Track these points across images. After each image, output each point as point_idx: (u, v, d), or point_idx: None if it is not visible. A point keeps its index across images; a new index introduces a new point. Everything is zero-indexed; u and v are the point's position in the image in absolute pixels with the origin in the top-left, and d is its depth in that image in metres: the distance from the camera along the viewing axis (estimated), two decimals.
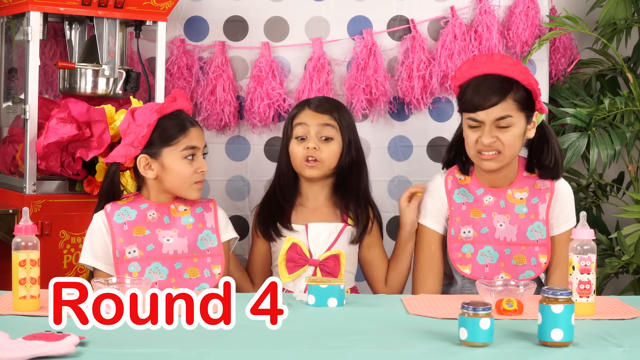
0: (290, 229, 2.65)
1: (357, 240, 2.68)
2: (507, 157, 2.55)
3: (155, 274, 2.45)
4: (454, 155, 2.71)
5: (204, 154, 2.58)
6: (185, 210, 2.55)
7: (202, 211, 2.57)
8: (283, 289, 2.57)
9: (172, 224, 2.52)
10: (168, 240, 2.50)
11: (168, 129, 2.51)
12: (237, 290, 2.57)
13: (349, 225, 2.68)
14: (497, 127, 2.52)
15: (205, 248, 2.52)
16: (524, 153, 2.70)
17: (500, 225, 2.60)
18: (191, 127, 2.53)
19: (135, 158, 2.52)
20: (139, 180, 2.58)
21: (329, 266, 2.57)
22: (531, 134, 2.59)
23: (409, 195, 2.66)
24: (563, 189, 2.65)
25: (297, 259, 2.61)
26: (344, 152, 2.67)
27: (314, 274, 2.57)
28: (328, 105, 2.70)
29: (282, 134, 2.77)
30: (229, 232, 2.61)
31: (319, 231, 2.64)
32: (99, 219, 2.53)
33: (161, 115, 2.51)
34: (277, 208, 2.68)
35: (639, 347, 1.88)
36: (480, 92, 2.51)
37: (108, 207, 2.53)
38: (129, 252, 2.47)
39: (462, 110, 2.58)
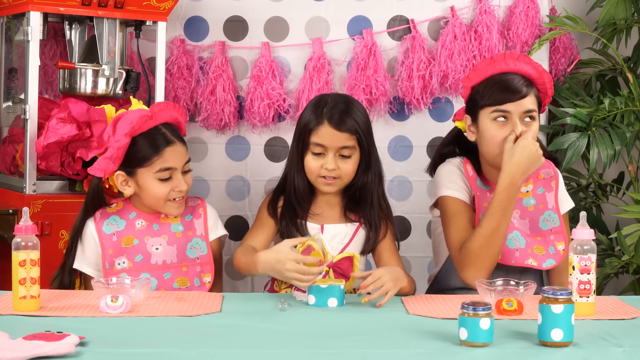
0: (305, 232, 2.57)
1: (369, 249, 2.61)
2: None
3: None
4: (449, 150, 2.71)
5: (186, 171, 2.49)
6: (175, 217, 2.52)
7: (191, 219, 2.53)
8: (295, 288, 2.55)
9: (161, 230, 2.49)
10: (157, 249, 2.47)
11: (141, 150, 2.44)
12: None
13: (363, 225, 2.61)
14: (523, 122, 2.51)
15: (195, 256, 2.49)
16: None
17: (514, 219, 2.59)
18: (166, 147, 2.45)
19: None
20: None
21: (342, 268, 2.52)
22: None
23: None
24: (559, 174, 2.68)
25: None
26: (363, 166, 2.57)
27: (326, 275, 2.53)
28: (349, 122, 2.50)
29: (295, 139, 2.59)
30: (218, 230, 2.57)
31: (334, 232, 2.58)
32: (90, 226, 2.49)
33: (132, 136, 2.44)
34: (293, 212, 2.61)
35: (639, 347, 1.88)
36: (509, 84, 2.51)
37: (98, 214, 2.50)
38: (118, 264, 2.44)
39: (485, 105, 2.53)
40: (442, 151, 2.74)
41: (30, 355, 1.71)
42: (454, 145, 2.73)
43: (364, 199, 2.59)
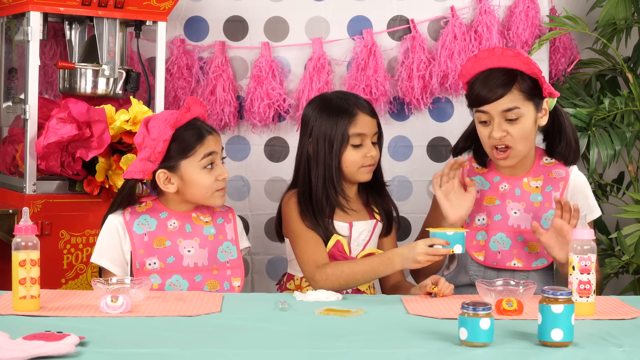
0: (333, 228, 2.62)
1: (387, 232, 2.71)
2: (520, 152, 2.57)
3: (175, 286, 2.42)
4: (467, 145, 2.72)
5: (223, 158, 2.53)
6: (207, 221, 2.52)
7: (222, 222, 2.54)
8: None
9: (193, 232, 2.49)
10: (189, 251, 2.46)
11: (185, 141, 2.44)
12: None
13: (379, 221, 2.70)
14: (506, 121, 2.53)
15: (225, 260, 2.49)
16: (539, 140, 2.69)
17: (515, 212, 2.60)
18: (208, 135, 2.47)
19: (154, 173, 2.45)
20: (158, 188, 2.50)
21: None
22: (543, 121, 2.59)
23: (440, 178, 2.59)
24: (579, 180, 2.66)
25: (337, 255, 2.60)
26: (380, 152, 2.71)
27: None
28: (373, 110, 2.67)
29: (327, 141, 2.60)
30: (243, 242, 2.59)
31: (361, 229, 2.65)
32: (115, 222, 2.47)
33: (176, 128, 2.45)
34: (323, 213, 2.62)
35: (639, 347, 1.88)
36: (486, 86, 2.53)
37: (127, 215, 2.47)
38: (149, 264, 2.44)
39: (470, 105, 2.60)
40: (459, 146, 2.74)
41: (30, 355, 1.71)
42: (471, 140, 2.71)
43: (378, 189, 2.71)
